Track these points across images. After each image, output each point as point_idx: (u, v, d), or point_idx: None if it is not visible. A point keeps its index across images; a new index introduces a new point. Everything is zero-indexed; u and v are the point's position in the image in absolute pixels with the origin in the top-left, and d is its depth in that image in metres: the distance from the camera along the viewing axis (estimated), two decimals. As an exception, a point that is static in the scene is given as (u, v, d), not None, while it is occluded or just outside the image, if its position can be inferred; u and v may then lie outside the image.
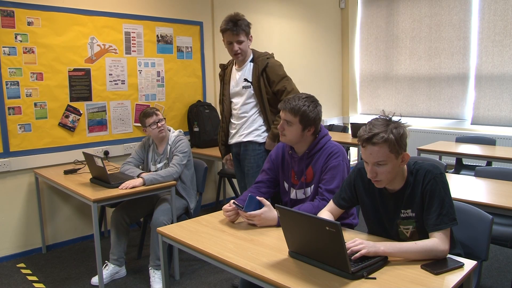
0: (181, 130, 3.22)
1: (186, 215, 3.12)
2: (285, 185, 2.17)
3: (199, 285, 2.89)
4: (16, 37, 3.28)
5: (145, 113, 3.08)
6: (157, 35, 4.15)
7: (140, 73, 4.05)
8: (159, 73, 4.19)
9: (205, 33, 4.55)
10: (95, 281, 2.91)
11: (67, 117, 3.61)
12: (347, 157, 2.06)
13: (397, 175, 1.61)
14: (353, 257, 1.44)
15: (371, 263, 1.43)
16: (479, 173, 2.94)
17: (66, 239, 3.70)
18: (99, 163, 2.76)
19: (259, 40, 4.92)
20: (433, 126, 5.76)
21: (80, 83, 3.66)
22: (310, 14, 5.88)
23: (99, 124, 3.81)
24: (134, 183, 2.79)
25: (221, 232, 1.87)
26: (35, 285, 2.96)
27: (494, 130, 5.18)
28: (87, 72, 3.69)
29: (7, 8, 3.22)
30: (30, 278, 3.07)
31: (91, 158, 2.84)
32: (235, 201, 1.99)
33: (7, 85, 3.26)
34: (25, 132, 3.38)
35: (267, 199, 1.97)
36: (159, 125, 3.06)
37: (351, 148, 5.36)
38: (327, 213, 1.83)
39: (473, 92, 5.34)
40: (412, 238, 1.64)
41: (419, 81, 5.84)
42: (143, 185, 2.81)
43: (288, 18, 5.54)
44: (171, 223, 2.81)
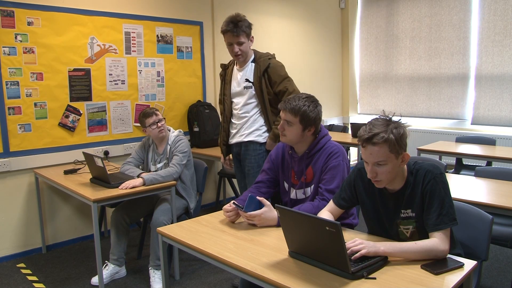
0: (181, 130, 3.22)
1: (186, 215, 3.12)
2: (285, 185, 2.17)
3: (199, 285, 2.89)
4: (16, 37, 3.28)
5: (144, 114, 3.08)
6: (157, 35, 4.15)
7: (140, 73, 4.05)
8: (159, 73, 4.19)
9: (205, 33, 4.55)
10: (95, 281, 2.91)
11: (67, 117, 3.61)
12: (347, 157, 2.06)
13: (397, 175, 1.61)
14: (353, 257, 1.44)
15: (371, 263, 1.43)
16: (479, 173, 2.94)
17: (66, 239, 3.70)
18: (99, 163, 2.76)
19: (259, 40, 4.91)
20: (433, 126, 5.76)
21: (80, 83, 3.66)
22: (310, 14, 5.88)
23: (99, 124, 3.81)
24: (134, 183, 2.79)
25: (221, 232, 1.87)
26: (35, 285, 2.96)
27: (494, 130, 5.18)
28: (87, 72, 3.69)
29: (7, 8, 3.22)
30: (30, 278, 3.07)
31: (91, 158, 2.84)
32: (235, 201, 1.99)
33: (7, 85, 3.26)
34: (25, 132, 3.38)
35: (267, 199, 1.97)
36: (159, 125, 3.06)
37: (351, 148, 5.35)
38: (327, 213, 1.83)
39: (473, 92, 5.34)
40: (412, 238, 1.64)
41: (419, 81, 5.84)
42: (143, 185, 2.81)
43: (288, 18, 5.54)
44: (171, 223, 2.82)
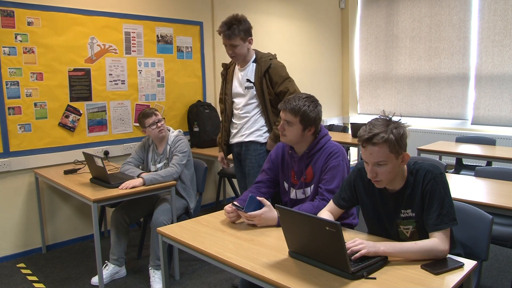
0: (180, 130, 3.22)
1: (186, 215, 3.12)
2: (285, 185, 2.17)
3: (199, 285, 2.89)
4: (16, 37, 3.28)
5: (144, 114, 3.08)
6: (157, 35, 4.15)
7: (140, 73, 4.05)
8: (159, 73, 4.19)
9: (205, 33, 4.55)
10: (95, 281, 2.91)
11: (67, 117, 3.61)
12: (347, 157, 2.06)
13: (397, 175, 1.61)
14: (353, 257, 1.44)
15: (371, 263, 1.43)
16: (479, 173, 2.94)
17: (66, 239, 3.70)
18: (99, 163, 2.76)
19: (259, 40, 4.90)
20: (433, 126, 5.76)
21: (80, 83, 3.66)
22: (310, 14, 5.88)
23: (99, 124, 3.81)
24: (134, 183, 2.79)
25: (221, 232, 1.87)
26: (35, 285, 2.96)
27: (494, 130, 5.18)
28: (87, 72, 3.69)
29: (7, 8, 3.22)
30: (30, 278, 3.07)
31: (91, 158, 2.84)
32: (235, 202, 1.99)
33: (7, 85, 3.26)
34: (25, 132, 3.38)
35: (267, 199, 1.97)
36: (158, 125, 3.06)
37: (351, 148, 5.35)
38: (327, 213, 1.83)
39: (473, 92, 5.34)
40: (412, 238, 1.64)
41: (419, 81, 5.84)
42: (143, 185, 2.81)
43: (288, 18, 5.54)
44: (171, 223, 2.82)
